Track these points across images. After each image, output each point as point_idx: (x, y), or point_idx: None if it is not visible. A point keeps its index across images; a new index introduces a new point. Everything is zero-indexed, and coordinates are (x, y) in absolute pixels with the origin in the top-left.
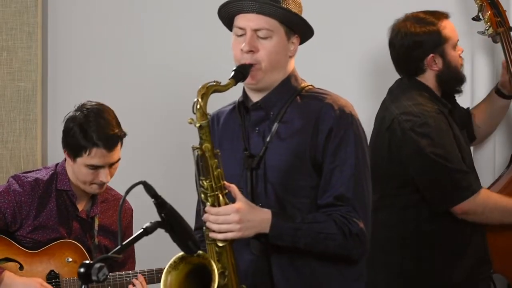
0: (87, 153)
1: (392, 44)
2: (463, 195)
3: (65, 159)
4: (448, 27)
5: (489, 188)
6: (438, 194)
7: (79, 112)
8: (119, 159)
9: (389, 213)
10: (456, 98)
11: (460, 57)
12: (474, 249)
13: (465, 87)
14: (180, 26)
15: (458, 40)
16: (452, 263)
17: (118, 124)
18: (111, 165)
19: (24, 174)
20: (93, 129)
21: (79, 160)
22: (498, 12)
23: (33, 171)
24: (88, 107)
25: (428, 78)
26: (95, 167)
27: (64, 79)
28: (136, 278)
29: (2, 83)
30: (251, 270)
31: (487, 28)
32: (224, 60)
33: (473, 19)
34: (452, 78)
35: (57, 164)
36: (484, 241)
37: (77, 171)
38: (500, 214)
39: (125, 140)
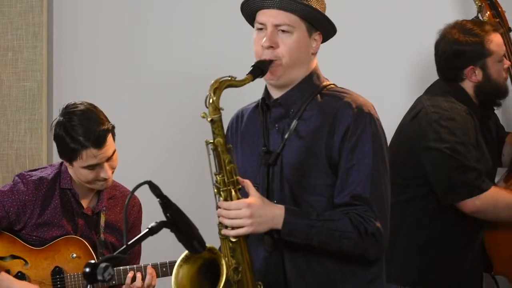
0: (79, 156)
1: (436, 48)
2: (471, 192)
3: None
4: (495, 41)
5: None
6: (447, 186)
7: (62, 118)
8: (114, 151)
9: (391, 205)
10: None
11: (508, 70)
12: (474, 250)
13: None
14: (186, 25)
15: (504, 54)
16: (451, 263)
17: (104, 119)
18: (108, 160)
19: (29, 173)
20: (79, 132)
21: (75, 163)
22: (497, 13)
23: (38, 169)
24: (70, 109)
25: (467, 87)
26: (93, 167)
27: (69, 79)
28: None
29: (8, 83)
30: (264, 267)
31: None
32: (235, 58)
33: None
34: (491, 92)
35: (62, 162)
36: (483, 242)
37: (77, 173)
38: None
39: (131, 139)
